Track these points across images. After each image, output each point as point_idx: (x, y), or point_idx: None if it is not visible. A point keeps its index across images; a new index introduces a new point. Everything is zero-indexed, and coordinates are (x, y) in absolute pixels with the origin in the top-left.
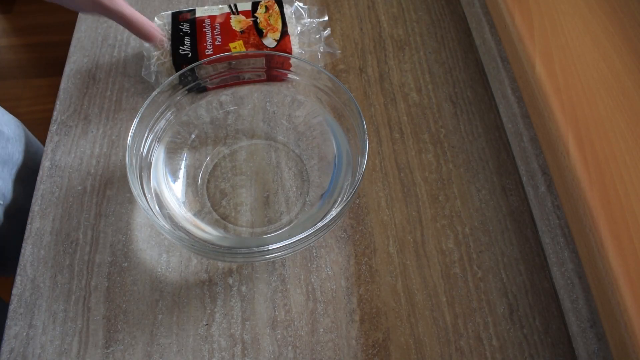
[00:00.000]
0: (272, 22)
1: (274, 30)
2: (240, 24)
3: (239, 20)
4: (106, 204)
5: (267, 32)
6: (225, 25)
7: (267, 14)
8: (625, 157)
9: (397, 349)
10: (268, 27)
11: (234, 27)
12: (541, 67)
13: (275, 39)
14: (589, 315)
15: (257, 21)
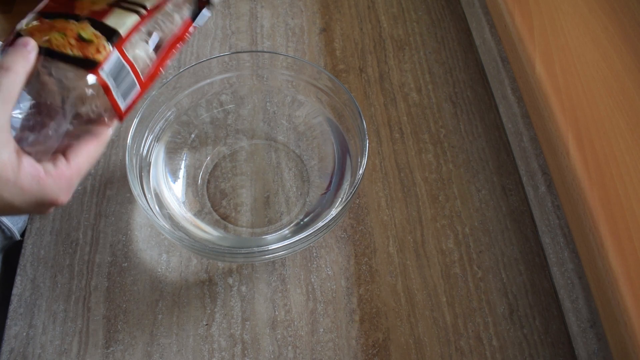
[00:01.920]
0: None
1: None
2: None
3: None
4: (106, 204)
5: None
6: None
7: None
8: (625, 157)
9: (397, 349)
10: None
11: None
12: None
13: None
14: (589, 315)
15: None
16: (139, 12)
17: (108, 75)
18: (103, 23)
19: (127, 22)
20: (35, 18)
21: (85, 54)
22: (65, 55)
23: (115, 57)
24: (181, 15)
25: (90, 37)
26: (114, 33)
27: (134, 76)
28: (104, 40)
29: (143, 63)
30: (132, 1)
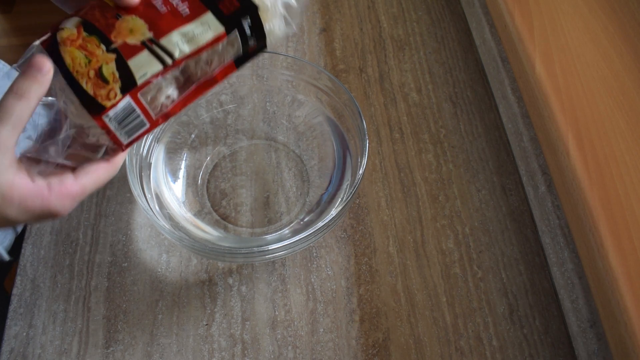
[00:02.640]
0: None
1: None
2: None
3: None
4: (106, 204)
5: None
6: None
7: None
8: (625, 157)
9: (397, 349)
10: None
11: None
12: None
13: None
14: (589, 315)
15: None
16: (164, 61)
17: (112, 120)
18: (126, 64)
19: (149, 72)
20: (76, 25)
21: (96, 95)
22: (78, 86)
23: (125, 103)
24: (221, 59)
25: (108, 77)
26: (131, 81)
27: (143, 117)
28: (118, 86)
29: (158, 104)
30: (163, 47)
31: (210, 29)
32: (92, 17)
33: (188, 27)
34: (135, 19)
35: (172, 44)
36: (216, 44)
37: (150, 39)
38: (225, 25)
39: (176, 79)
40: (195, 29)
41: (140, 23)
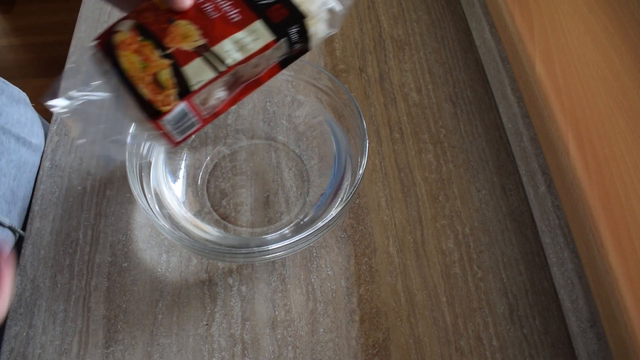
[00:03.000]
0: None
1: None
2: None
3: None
4: (106, 204)
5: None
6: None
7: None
8: (625, 157)
9: (397, 349)
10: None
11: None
12: (541, 67)
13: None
14: (589, 315)
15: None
16: (217, 69)
17: (168, 122)
18: (182, 71)
19: (203, 79)
20: (131, 28)
21: (153, 100)
22: (136, 91)
23: (180, 108)
24: (268, 62)
25: (165, 83)
26: (187, 88)
27: (196, 118)
28: (175, 93)
29: (210, 105)
30: (216, 55)
31: (260, 37)
32: (146, 21)
33: (239, 35)
34: (187, 24)
35: (224, 51)
36: (265, 51)
37: (203, 45)
38: (275, 34)
39: (226, 81)
40: (245, 37)
41: (192, 29)
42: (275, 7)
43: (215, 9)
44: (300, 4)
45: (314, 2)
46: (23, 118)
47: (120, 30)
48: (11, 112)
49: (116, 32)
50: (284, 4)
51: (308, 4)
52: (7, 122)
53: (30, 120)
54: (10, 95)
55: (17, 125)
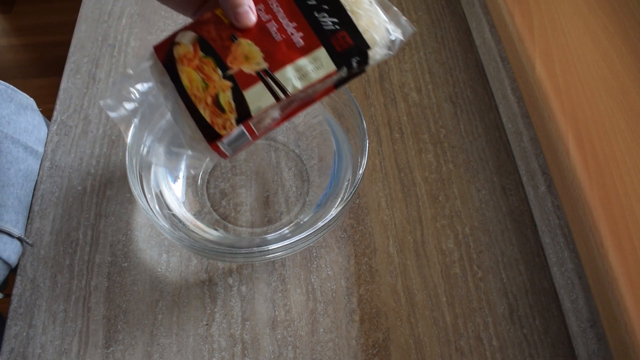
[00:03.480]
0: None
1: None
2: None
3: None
4: (106, 204)
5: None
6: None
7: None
8: (625, 157)
9: (397, 349)
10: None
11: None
12: (541, 67)
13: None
14: (589, 315)
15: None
16: (278, 96)
17: (224, 144)
18: (242, 95)
19: (263, 105)
20: (193, 41)
21: (213, 122)
22: (196, 111)
23: (238, 131)
24: (324, 85)
25: (225, 105)
26: (246, 113)
27: (250, 137)
28: (234, 117)
29: (264, 125)
30: (278, 82)
31: (323, 66)
32: (208, 36)
33: (301, 62)
34: (250, 44)
35: (286, 79)
36: (325, 80)
37: (265, 70)
38: (337, 63)
39: (282, 105)
40: (308, 65)
41: (255, 50)
42: (340, 35)
43: (279, 30)
44: (364, 31)
45: (378, 30)
46: (30, 126)
47: (181, 43)
48: (19, 121)
49: (177, 43)
50: (349, 31)
51: (373, 32)
52: (16, 132)
53: (36, 128)
54: (18, 103)
55: (24, 133)
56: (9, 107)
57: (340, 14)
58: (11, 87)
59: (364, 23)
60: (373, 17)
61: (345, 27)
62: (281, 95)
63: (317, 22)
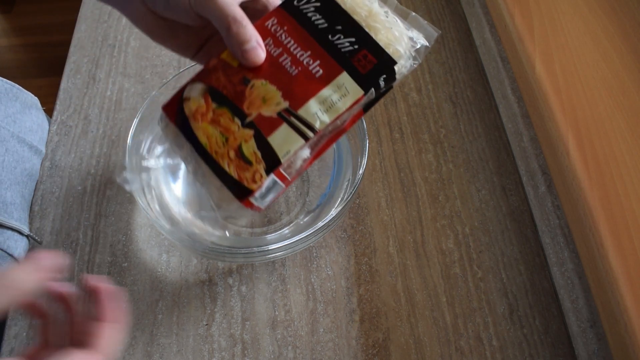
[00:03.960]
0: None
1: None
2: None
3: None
4: (106, 204)
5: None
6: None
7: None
8: (625, 157)
9: (397, 349)
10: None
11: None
12: (541, 67)
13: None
14: (589, 315)
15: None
16: (306, 135)
17: (257, 199)
18: (267, 142)
19: (292, 148)
20: (203, 93)
21: (241, 178)
22: (221, 170)
23: (269, 181)
24: (353, 113)
25: (250, 157)
26: (275, 161)
27: (282, 184)
28: (262, 168)
29: (295, 168)
30: (303, 119)
31: (349, 92)
32: (218, 83)
33: (324, 92)
34: (265, 84)
35: (310, 114)
36: (353, 106)
37: (286, 109)
38: (363, 87)
39: (311, 142)
40: (332, 95)
41: (272, 90)
42: (361, 54)
43: (293, 62)
44: (386, 45)
45: (401, 42)
46: (35, 125)
47: (190, 97)
48: (24, 120)
49: (186, 99)
50: (370, 49)
51: (396, 44)
52: (22, 131)
53: (40, 127)
54: (23, 102)
55: (29, 133)
56: (14, 106)
57: (357, 31)
58: (17, 86)
59: (384, 37)
60: (393, 28)
61: (365, 45)
62: (309, 134)
63: (333, 45)
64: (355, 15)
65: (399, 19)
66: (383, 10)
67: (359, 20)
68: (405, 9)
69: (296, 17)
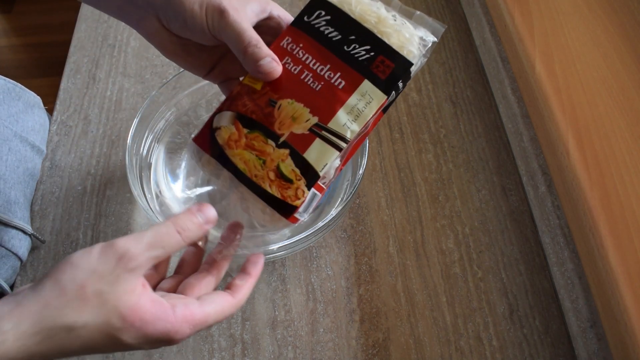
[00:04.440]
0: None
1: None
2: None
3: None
4: (106, 204)
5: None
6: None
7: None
8: (625, 157)
9: (397, 349)
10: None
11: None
12: (541, 67)
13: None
14: (589, 315)
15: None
16: (339, 146)
17: (301, 213)
18: (304, 159)
19: (328, 160)
20: (232, 121)
21: (284, 196)
22: (264, 192)
23: (310, 195)
24: (375, 116)
25: (290, 175)
26: (314, 176)
27: (320, 194)
28: (303, 184)
29: (329, 177)
30: (334, 132)
31: (373, 98)
32: (246, 109)
33: (350, 102)
34: (292, 103)
35: (340, 126)
36: (378, 111)
37: (317, 124)
38: (385, 91)
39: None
40: (358, 103)
41: (300, 107)
42: (379, 60)
43: (315, 77)
44: (400, 47)
45: (413, 42)
46: (37, 125)
47: (221, 127)
48: (27, 120)
49: (217, 128)
50: (386, 54)
51: (409, 46)
52: (24, 130)
53: (42, 127)
54: (26, 102)
55: (31, 132)
56: (17, 106)
57: (370, 38)
58: (19, 86)
59: (397, 40)
60: (402, 30)
61: (381, 51)
62: (342, 145)
63: (350, 55)
64: (365, 23)
65: (407, 20)
66: (390, 14)
67: (370, 27)
68: (410, 8)
69: (310, 33)
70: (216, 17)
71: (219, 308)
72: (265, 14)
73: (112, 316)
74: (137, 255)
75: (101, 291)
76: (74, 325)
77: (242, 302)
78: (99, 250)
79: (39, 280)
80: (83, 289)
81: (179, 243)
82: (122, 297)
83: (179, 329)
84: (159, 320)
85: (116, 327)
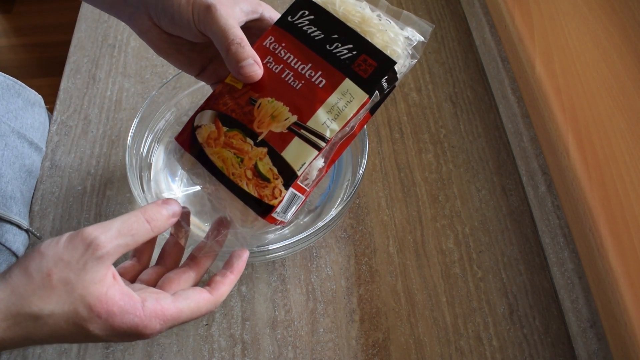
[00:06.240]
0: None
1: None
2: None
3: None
4: (106, 204)
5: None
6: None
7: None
8: (625, 157)
9: (397, 349)
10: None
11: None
12: (541, 67)
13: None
14: (589, 315)
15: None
16: (318, 145)
17: (279, 213)
18: (281, 158)
19: (306, 160)
20: (212, 119)
21: (261, 195)
22: (240, 190)
23: (289, 195)
24: (360, 117)
25: (267, 174)
26: (292, 175)
27: (302, 196)
28: (280, 183)
29: (311, 178)
30: (313, 130)
31: (354, 97)
32: (226, 107)
33: (330, 101)
34: (272, 101)
35: (320, 124)
36: (360, 110)
37: (296, 123)
38: (367, 90)
39: (325, 151)
40: (338, 102)
41: (279, 106)
42: (361, 59)
43: (296, 76)
44: (384, 47)
45: (397, 42)
46: (36, 122)
47: (201, 125)
48: (26, 117)
49: (198, 127)
50: (369, 52)
51: (393, 45)
52: (22, 127)
53: (42, 125)
54: (26, 99)
55: (30, 129)
56: (16, 102)
57: (353, 37)
58: (19, 83)
59: (380, 39)
60: (387, 30)
61: (364, 50)
62: (321, 144)
63: (332, 54)
64: (349, 22)
65: (392, 20)
66: (375, 14)
67: (353, 27)
68: (397, 8)
69: (292, 33)
70: (202, 12)
71: (193, 304)
72: (256, 15)
73: (78, 305)
74: (106, 243)
75: (68, 279)
76: (40, 314)
77: (220, 299)
78: (66, 238)
79: (8, 268)
80: (49, 277)
81: (147, 232)
82: (89, 287)
83: (148, 323)
84: (126, 313)
85: (83, 316)
